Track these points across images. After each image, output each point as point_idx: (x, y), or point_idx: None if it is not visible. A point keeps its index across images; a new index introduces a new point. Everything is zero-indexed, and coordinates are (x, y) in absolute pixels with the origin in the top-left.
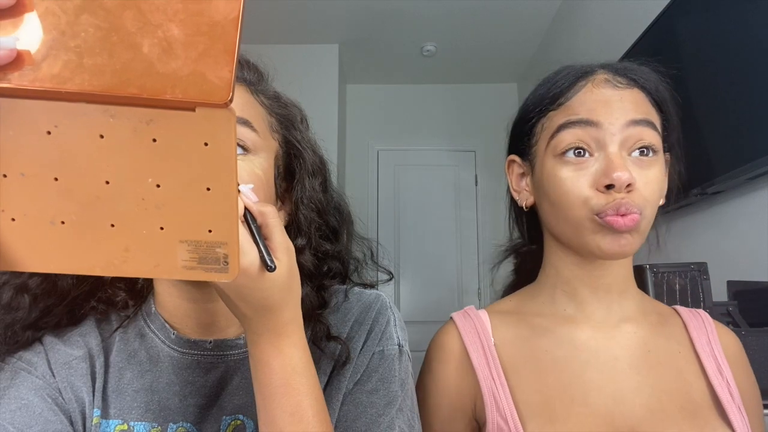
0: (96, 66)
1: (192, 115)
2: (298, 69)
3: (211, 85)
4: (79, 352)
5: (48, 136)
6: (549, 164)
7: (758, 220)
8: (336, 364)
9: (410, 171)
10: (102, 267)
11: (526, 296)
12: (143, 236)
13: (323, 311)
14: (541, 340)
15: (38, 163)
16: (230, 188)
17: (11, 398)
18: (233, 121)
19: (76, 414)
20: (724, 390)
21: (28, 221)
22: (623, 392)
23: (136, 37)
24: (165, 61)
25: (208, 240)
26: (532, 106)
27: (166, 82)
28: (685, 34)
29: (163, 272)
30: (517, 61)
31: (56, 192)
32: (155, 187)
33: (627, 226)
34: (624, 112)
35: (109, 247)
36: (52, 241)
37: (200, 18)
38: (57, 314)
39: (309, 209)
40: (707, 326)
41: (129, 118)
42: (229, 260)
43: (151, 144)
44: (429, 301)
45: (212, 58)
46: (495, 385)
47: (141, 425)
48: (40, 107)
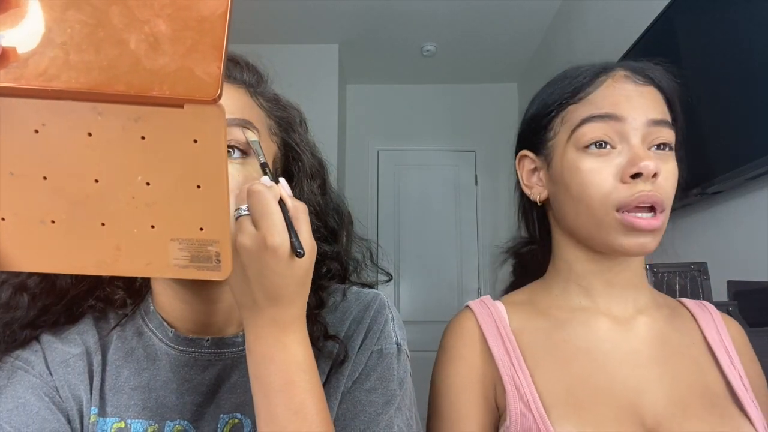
0: (83, 63)
1: (180, 112)
2: (298, 69)
3: (199, 81)
4: (77, 350)
5: (36, 134)
6: (571, 156)
7: (758, 220)
8: (334, 364)
9: (410, 171)
10: (94, 266)
11: (537, 289)
12: (134, 235)
13: (320, 311)
14: (560, 331)
15: (27, 162)
16: (221, 186)
17: (8, 397)
18: (223, 118)
19: (73, 412)
20: (738, 381)
21: (17, 221)
22: (645, 383)
23: (123, 33)
24: (152, 57)
25: (199, 238)
26: (550, 100)
27: (153, 79)
28: (684, 34)
29: (155, 271)
30: (517, 61)
31: (45, 191)
32: (145, 185)
33: (652, 225)
34: (644, 109)
35: (99, 246)
36: (42, 241)
37: (188, 13)
38: (55, 313)
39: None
40: (715, 318)
41: (117, 115)
42: (222, 258)
43: (140, 141)
44: (429, 301)
45: (200, 53)
46: (516, 372)
47: (138, 423)
48: (27, 105)
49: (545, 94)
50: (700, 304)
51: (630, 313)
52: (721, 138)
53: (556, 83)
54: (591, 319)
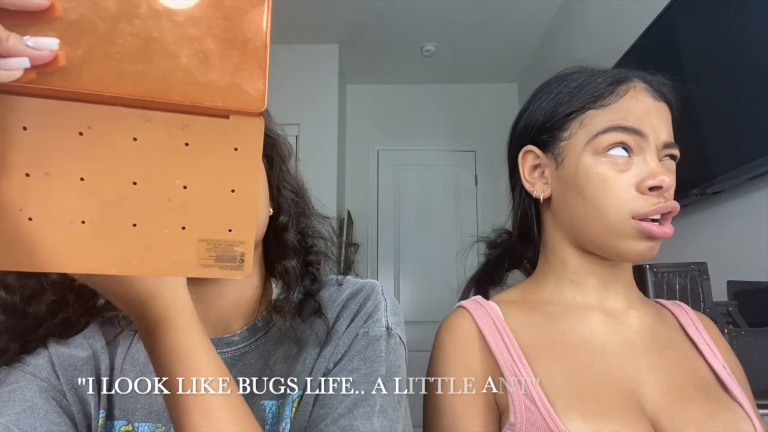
0: (138, 72)
1: (226, 122)
2: (298, 69)
3: (247, 96)
4: (84, 354)
5: (80, 137)
6: (588, 161)
7: (758, 220)
8: (321, 345)
9: (410, 171)
10: (118, 267)
11: (530, 287)
12: (164, 236)
13: (315, 287)
14: (556, 325)
15: (65, 163)
16: (254, 190)
17: (16, 401)
18: (262, 129)
19: (80, 416)
20: (723, 370)
21: (45, 221)
22: (642, 373)
23: (174, 48)
24: (203, 71)
25: (227, 239)
26: (568, 101)
27: (206, 91)
28: (684, 35)
29: (180, 270)
30: (517, 61)
31: (80, 192)
32: (182, 189)
33: (665, 233)
34: (661, 128)
35: (128, 246)
36: (68, 241)
37: (233, 34)
38: (66, 320)
39: (288, 190)
40: (690, 315)
41: (165, 122)
42: (245, 258)
43: (183, 147)
44: (429, 301)
45: (247, 72)
46: (517, 367)
47: (146, 426)
48: (77, 109)
49: (556, 93)
50: (675, 303)
51: (622, 308)
52: (721, 138)
53: (567, 84)
54: (585, 313)
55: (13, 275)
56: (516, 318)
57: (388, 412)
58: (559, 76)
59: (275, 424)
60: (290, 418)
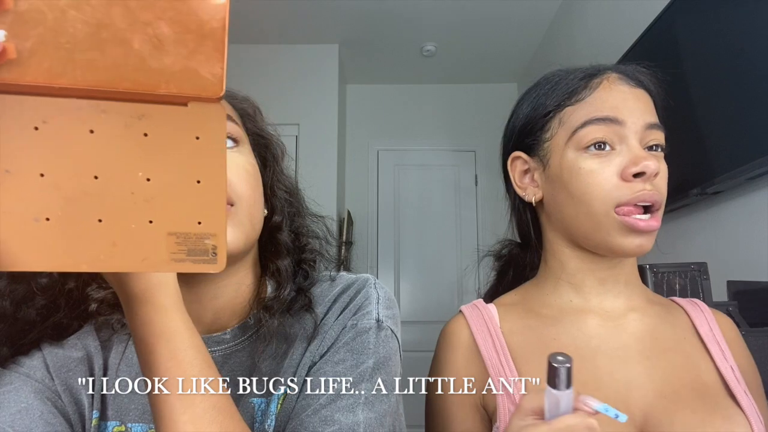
0: (88, 61)
1: (184, 110)
2: (298, 69)
3: (204, 81)
4: (78, 354)
5: (36, 131)
6: (571, 157)
7: (758, 220)
8: (309, 340)
9: (410, 171)
10: (88, 263)
11: (530, 289)
12: (131, 230)
13: (307, 283)
14: (549, 329)
15: (24, 159)
16: (220, 180)
17: (11, 402)
18: (224, 116)
19: (75, 417)
20: (730, 373)
21: (10, 219)
22: (634, 378)
23: (126, 34)
24: (157, 57)
25: (197, 232)
26: (544, 101)
27: (159, 78)
28: (684, 35)
29: (151, 266)
30: (517, 61)
31: (42, 188)
32: (145, 181)
33: (651, 227)
34: (641, 112)
35: (95, 242)
36: (35, 239)
37: (188, 17)
38: (60, 322)
39: (282, 191)
40: (706, 314)
41: (121, 113)
42: (218, 251)
43: (142, 138)
44: (429, 301)
45: (203, 55)
46: (504, 371)
47: (138, 426)
48: (28, 103)
49: (535, 96)
50: (691, 301)
51: (621, 310)
52: (721, 138)
53: (543, 86)
54: (581, 317)
55: (3, 280)
56: (511, 321)
57: (375, 405)
58: (538, 81)
59: (263, 422)
60: (275, 414)
